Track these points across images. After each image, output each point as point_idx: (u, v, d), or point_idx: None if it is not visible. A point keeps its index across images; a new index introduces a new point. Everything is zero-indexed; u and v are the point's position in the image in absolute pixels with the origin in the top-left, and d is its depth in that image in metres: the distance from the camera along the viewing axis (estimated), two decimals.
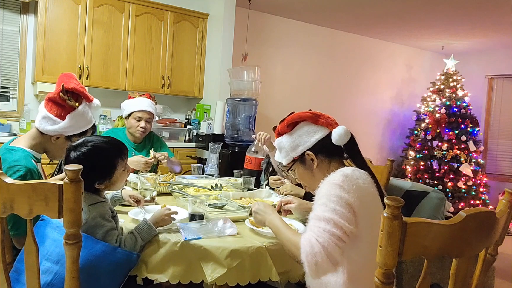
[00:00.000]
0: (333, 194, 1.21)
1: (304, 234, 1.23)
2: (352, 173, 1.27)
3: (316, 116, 1.43)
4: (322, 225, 1.19)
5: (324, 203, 1.22)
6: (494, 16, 4.68)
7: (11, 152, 1.59)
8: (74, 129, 1.69)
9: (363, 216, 1.22)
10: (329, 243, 1.16)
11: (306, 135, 1.42)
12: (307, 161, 1.43)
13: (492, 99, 6.57)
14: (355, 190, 1.22)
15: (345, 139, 1.38)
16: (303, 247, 1.19)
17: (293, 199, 1.73)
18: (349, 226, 1.19)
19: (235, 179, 2.56)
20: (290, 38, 5.45)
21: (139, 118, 2.67)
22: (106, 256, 1.30)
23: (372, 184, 1.32)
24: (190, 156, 4.21)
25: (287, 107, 3.46)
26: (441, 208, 2.32)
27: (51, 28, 3.70)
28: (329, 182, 1.26)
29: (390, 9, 4.71)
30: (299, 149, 1.43)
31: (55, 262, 1.25)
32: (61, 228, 1.26)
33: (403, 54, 6.65)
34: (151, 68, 4.24)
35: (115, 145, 1.49)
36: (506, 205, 1.09)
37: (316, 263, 1.17)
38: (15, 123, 3.82)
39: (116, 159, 1.45)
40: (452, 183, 5.48)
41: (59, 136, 1.68)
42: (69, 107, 1.66)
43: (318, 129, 1.42)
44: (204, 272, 1.38)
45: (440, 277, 2.17)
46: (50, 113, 1.65)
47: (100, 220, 1.37)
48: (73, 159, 1.39)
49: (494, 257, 1.13)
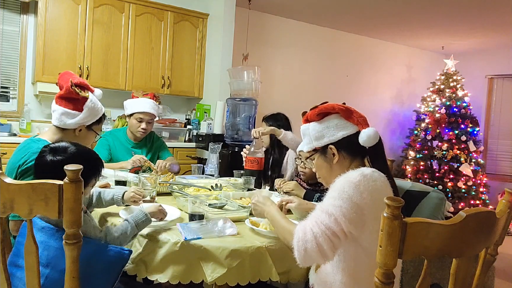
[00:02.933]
0: (346, 191, 1.20)
1: (302, 221, 1.24)
2: (372, 174, 1.25)
3: (349, 112, 1.39)
4: (322, 217, 1.19)
5: (333, 197, 1.22)
6: (494, 16, 4.68)
7: (36, 142, 1.70)
8: (92, 117, 1.84)
9: (374, 218, 1.20)
10: (321, 235, 1.16)
11: (334, 128, 1.38)
12: (328, 154, 1.40)
13: (492, 99, 6.57)
14: (370, 191, 1.21)
15: (373, 142, 1.35)
16: (297, 232, 1.20)
17: (293, 199, 1.73)
18: (349, 225, 1.18)
19: (235, 179, 2.56)
20: (290, 38, 5.45)
21: (141, 119, 2.69)
22: (98, 256, 1.30)
23: (390, 189, 1.30)
24: (190, 156, 4.21)
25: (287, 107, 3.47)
26: (441, 208, 2.31)
27: (51, 28, 3.70)
28: (346, 178, 1.24)
29: (390, 9, 4.71)
30: (323, 140, 1.39)
31: (44, 266, 1.23)
32: (46, 229, 1.26)
33: (403, 54, 6.65)
34: (151, 68, 4.24)
35: (96, 160, 1.42)
36: (506, 205, 1.09)
37: (305, 250, 1.17)
38: (15, 123, 3.81)
39: (91, 176, 1.38)
40: (452, 183, 5.48)
41: (81, 128, 1.82)
42: (82, 98, 1.79)
43: (347, 125, 1.38)
44: (204, 272, 1.38)
45: (440, 277, 2.16)
46: (67, 108, 1.77)
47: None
48: (49, 161, 1.30)
49: (494, 257, 1.13)
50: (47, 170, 1.30)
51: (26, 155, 1.63)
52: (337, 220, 1.17)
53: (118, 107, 4.28)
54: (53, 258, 1.23)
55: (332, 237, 1.17)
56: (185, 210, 1.76)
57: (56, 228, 1.26)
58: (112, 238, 1.38)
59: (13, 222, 1.53)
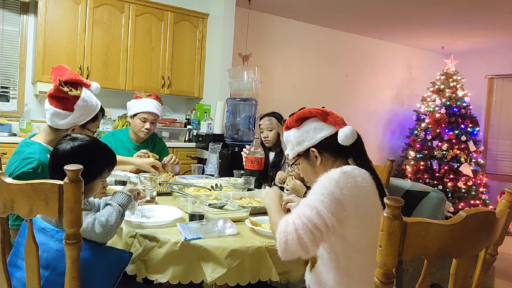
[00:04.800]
0: (327, 187, 1.22)
1: (287, 215, 1.26)
2: (352, 171, 1.28)
3: (325, 114, 1.43)
4: (305, 210, 1.21)
5: (315, 193, 1.24)
6: (494, 16, 4.68)
7: (28, 146, 1.64)
8: (86, 116, 1.74)
9: (355, 213, 1.23)
10: (302, 227, 1.17)
11: (312, 132, 1.43)
12: (311, 157, 1.44)
13: (492, 99, 6.57)
14: (349, 187, 1.23)
15: (351, 140, 1.38)
16: (279, 225, 1.22)
17: (294, 198, 1.74)
18: (332, 218, 1.19)
19: (235, 179, 2.56)
20: (290, 38, 5.45)
21: (145, 119, 2.69)
22: (98, 258, 1.29)
23: (372, 184, 1.31)
24: (190, 156, 4.22)
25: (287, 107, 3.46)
26: (441, 208, 2.31)
27: (51, 28, 3.70)
28: (327, 175, 1.27)
29: (390, 9, 4.71)
30: (304, 144, 1.44)
31: (44, 268, 1.22)
32: (46, 230, 1.25)
33: (403, 54, 6.65)
34: (151, 68, 4.24)
35: (110, 152, 1.47)
36: (506, 205, 1.09)
37: (286, 242, 1.18)
38: (15, 123, 3.82)
39: (105, 166, 1.43)
40: (452, 183, 5.48)
41: (74, 128, 1.74)
42: (73, 97, 1.68)
43: (325, 127, 1.42)
44: (204, 272, 1.38)
45: (440, 277, 2.17)
46: (57, 108, 1.67)
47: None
48: (68, 148, 1.35)
49: (494, 257, 1.13)
50: (65, 156, 1.34)
51: (16, 162, 1.58)
52: (319, 212, 1.19)
53: (118, 107, 4.28)
54: (52, 260, 1.23)
55: (314, 229, 1.17)
56: (185, 210, 1.76)
57: (56, 229, 1.25)
58: (100, 221, 1.32)
59: (13, 230, 1.48)
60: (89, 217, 1.31)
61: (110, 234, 1.34)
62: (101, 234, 1.30)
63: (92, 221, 1.30)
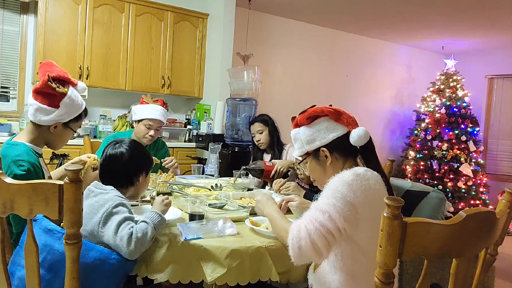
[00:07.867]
0: (339, 190, 1.21)
1: (297, 220, 1.25)
2: (364, 173, 1.26)
3: (338, 113, 1.40)
4: (317, 214, 1.20)
5: (327, 196, 1.23)
6: (494, 16, 4.68)
7: (12, 147, 1.60)
8: (70, 114, 1.70)
9: (368, 216, 1.21)
10: (315, 232, 1.17)
11: (324, 131, 1.40)
12: (321, 157, 1.41)
13: (492, 99, 6.57)
14: (363, 190, 1.22)
15: (363, 141, 1.36)
16: (291, 230, 1.21)
17: (295, 197, 1.74)
18: (344, 223, 1.18)
19: (235, 179, 2.56)
20: (290, 38, 5.45)
21: (150, 126, 2.63)
22: (102, 263, 1.29)
23: (384, 187, 1.30)
24: (190, 156, 4.21)
25: (287, 107, 3.48)
26: (441, 208, 2.31)
27: (51, 28, 3.70)
28: (339, 177, 1.25)
29: (390, 9, 4.71)
30: (315, 143, 1.41)
31: (47, 270, 1.22)
32: (53, 232, 1.25)
33: (403, 54, 6.65)
34: (151, 68, 4.23)
35: (148, 155, 1.68)
36: (506, 205, 1.09)
37: (299, 248, 1.18)
38: (15, 123, 3.81)
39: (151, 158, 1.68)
40: (452, 183, 5.48)
41: (56, 125, 1.69)
42: (59, 94, 1.66)
43: (337, 127, 1.39)
44: (204, 272, 1.38)
45: (440, 277, 2.17)
46: (42, 104, 1.64)
47: (121, 208, 1.40)
48: (118, 153, 1.56)
49: (494, 257, 1.13)
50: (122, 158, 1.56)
51: (7, 165, 1.53)
52: (331, 217, 1.18)
53: (118, 107, 4.28)
54: (56, 263, 1.22)
55: (327, 234, 1.17)
56: (185, 210, 1.76)
57: (62, 232, 1.23)
58: (136, 237, 1.33)
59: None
60: (126, 223, 1.36)
61: (140, 252, 1.36)
62: (132, 251, 1.32)
63: (127, 235, 1.32)
